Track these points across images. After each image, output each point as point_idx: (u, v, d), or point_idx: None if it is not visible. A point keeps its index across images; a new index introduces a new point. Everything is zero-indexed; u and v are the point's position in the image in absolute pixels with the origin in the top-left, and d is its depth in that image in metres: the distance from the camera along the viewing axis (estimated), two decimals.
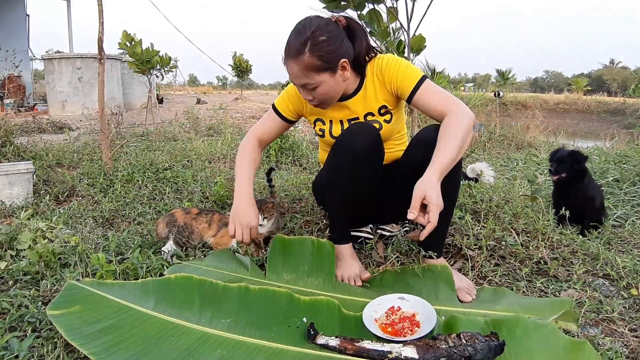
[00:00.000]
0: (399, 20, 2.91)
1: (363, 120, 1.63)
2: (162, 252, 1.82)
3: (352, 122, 1.63)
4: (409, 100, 1.53)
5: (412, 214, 1.24)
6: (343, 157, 1.54)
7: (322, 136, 1.71)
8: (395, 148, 1.73)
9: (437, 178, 1.28)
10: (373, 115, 1.63)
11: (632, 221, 2.28)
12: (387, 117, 1.64)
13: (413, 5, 2.82)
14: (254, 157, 1.66)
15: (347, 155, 1.52)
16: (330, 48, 1.41)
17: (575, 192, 2.11)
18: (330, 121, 1.67)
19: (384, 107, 1.62)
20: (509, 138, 4.84)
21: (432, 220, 1.22)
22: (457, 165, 1.46)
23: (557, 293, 1.55)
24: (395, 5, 2.85)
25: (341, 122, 1.66)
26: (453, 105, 1.44)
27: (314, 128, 1.73)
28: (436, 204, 1.23)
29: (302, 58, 1.39)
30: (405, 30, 2.92)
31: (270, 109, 1.73)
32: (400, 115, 1.72)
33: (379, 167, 1.64)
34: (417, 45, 3.04)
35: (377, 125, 1.62)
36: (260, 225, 1.83)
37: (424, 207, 1.25)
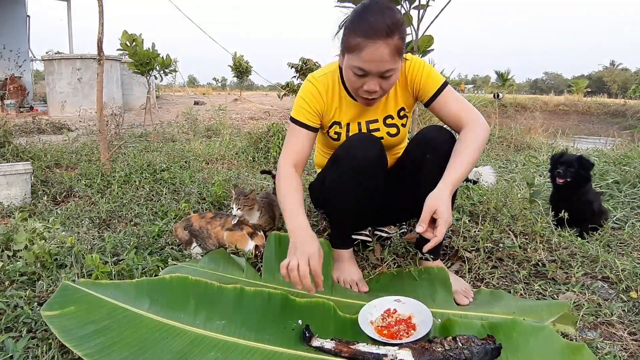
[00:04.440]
0: (411, 25, 2.91)
1: (382, 124, 1.57)
2: (193, 255, 1.85)
3: (369, 125, 1.57)
4: (428, 103, 1.49)
5: (421, 227, 1.22)
6: (347, 170, 1.48)
7: (337, 139, 1.60)
8: (400, 152, 1.70)
9: (449, 192, 1.26)
10: (392, 118, 1.57)
11: (632, 223, 2.26)
12: (404, 120, 1.59)
13: (425, 10, 2.84)
14: (296, 185, 1.45)
15: (352, 168, 1.47)
16: (406, 31, 1.33)
17: (577, 197, 2.10)
18: (348, 124, 1.57)
19: (403, 109, 1.56)
20: (508, 139, 4.83)
21: (438, 235, 1.21)
22: None
23: (555, 296, 1.54)
24: (409, 10, 2.85)
25: (359, 124, 1.57)
26: (471, 116, 1.42)
27: (327, 132, 1.60)
28: (446, 220, 1.21)
29: (393, 39, 1.27)
30: (414, 29, 2.92)
31: (290, 127, 1.54)
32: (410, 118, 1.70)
33: (382, 177, 1.59)
34: (425, 46, 3.01)
35: (394, 130, 1.57)
36: (234, 215, 1.85)
37: (432, 221, 1.23)
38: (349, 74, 1.36)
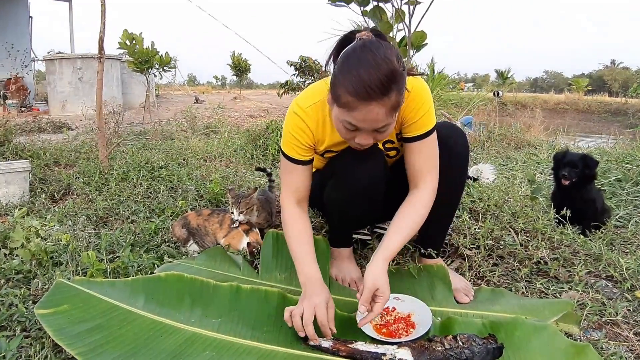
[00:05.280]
0: (404, 22, 2.91)
1: (382, 149, 1.47)
2: (189, 252, 1.83)
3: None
4: (406, 140, 1.36)
5: (364, 307, 1.18)
6: (350, 189, 1.43)
7: None
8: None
9: (386, 266, 1.24)
10: (393, 142, 1.46)
11: (635, 222, 2.22)
12: (401, 142, 1.48)
13: (415, 6, 2.82)
14: (305, 230, 1.40)
15: (355, 187, 1.42)
16: (405, 79, 1.16)
17: (580, 195, 2.07)
18: (348, 148, 1.43)
19: (400, 132, 1.42)
20: (508, 137, 4.81)
21: (375, 311, 1.18)
22: (462, 170, 1.46)
23: (557, 294, 1.52)
24: (400, 7, 2.85)
25: None
26: (427, 175, 1.35)
27: (321, 156, 1.50)
28: (386, 298, 1.19)
29: (390, 98, 1.10)
30: (406, 25, 2.91)
31: (284, 162, 1.43)
32: None
33: (385, 187, 1.51)
34: (418, 42, 3.01)
35: (394, 152, 1.50)
36: (236, 220, 1.81)
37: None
38: (339, 126, 1.21)
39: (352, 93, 1.09)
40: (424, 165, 1.35)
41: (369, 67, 1.08)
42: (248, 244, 1.74)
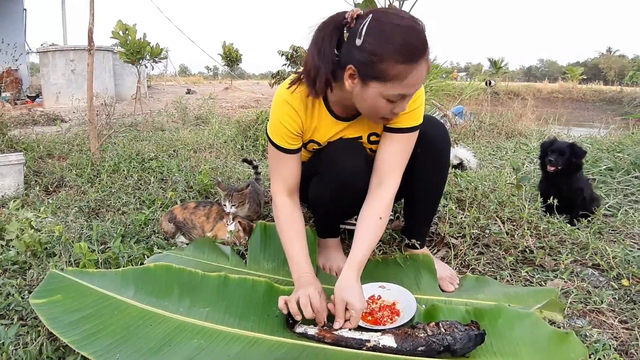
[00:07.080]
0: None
1: (366, 141, 1.44)
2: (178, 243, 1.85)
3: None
4: (389, 130, 1.35)
5: (339, 323, 1.17)
6: (333, 186, 1.42)
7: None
8: None
9: (356, 276, 1.23)
10: (378, 135, 1.41)
11: (625, 210, 2.23)
12: None
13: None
14: (297, 225, 1.40)
15: (337, 184, 1.40)
16: None
17: (567, 184, 2.09)
18: (329, 143, 1.44)
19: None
20: (498, 127, 4.81)
21: (353, 324, 1.17)
22: (444, 163, 1.46)
23: (542, 282, 1.53)
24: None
25: None
26: (394, 173, 1.34)
27: (305, 148, 1.47)
28: (359, 310, 1.17)
29: (428, 51, 1.12)
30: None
31: (272, 150, 1.40)
32: None
33: (369, 181, 1.45)
34: None
35: (376, 146, 1.44)
36: (229, 212, 1.82)
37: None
38: (379, 103, 1.17)
39: (402, 61, 1.08)
40: (396, 160, 1.35)
41: (407, 29, 1.08)
42: (239, 222, 1.76)
